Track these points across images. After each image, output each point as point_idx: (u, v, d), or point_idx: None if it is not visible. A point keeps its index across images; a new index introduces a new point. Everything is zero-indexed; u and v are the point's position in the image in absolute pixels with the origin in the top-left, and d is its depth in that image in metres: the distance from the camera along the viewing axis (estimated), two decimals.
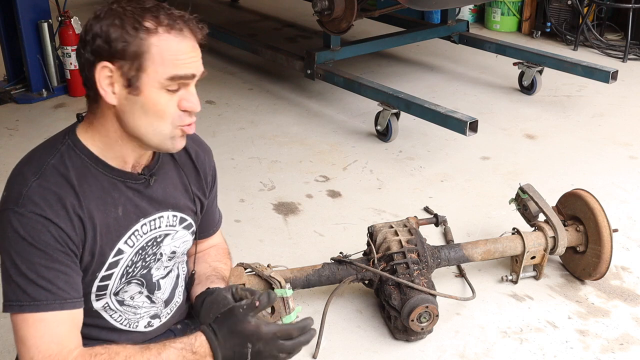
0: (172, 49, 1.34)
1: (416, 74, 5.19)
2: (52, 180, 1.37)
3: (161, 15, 1.34)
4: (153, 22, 1.33)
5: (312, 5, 4.19)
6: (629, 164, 3.79)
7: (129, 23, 1.32)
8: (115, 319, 1.54)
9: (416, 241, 2.52)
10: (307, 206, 3.36)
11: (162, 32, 1.33)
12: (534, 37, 5.99)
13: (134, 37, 1.32)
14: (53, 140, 1.46)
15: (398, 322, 2.40)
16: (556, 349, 2.42)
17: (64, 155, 1.40)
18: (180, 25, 1.35)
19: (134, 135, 1.40)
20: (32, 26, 4.56)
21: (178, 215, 1.58)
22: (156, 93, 1.35)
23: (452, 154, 3.90)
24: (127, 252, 1.47)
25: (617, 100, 4.65)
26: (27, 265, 1.32)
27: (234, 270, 2.42)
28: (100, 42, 1.33)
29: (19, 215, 1.33)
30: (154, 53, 1.33)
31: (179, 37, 1.35)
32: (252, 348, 1.35)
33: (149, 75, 1.34)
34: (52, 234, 1.34)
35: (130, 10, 1.34)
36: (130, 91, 1.35)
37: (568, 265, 2.83)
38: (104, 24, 1.33)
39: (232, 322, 1.36)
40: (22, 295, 1.32)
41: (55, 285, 1.34)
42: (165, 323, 1.66)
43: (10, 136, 4.15)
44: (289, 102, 4.69)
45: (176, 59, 1.34)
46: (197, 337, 1.37)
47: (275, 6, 7.06)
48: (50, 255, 1.34)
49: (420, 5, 4.25)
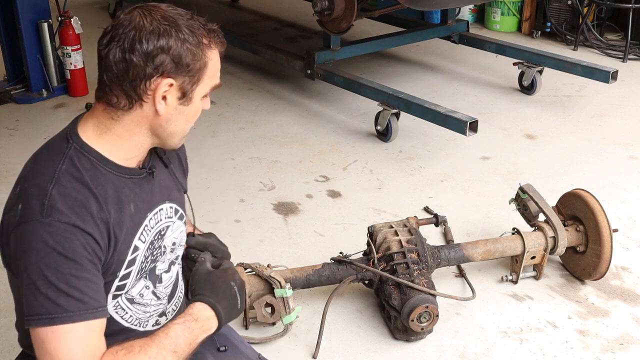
0: (217, 61, 1.45)
1: (416, 74, 5.19)
2: (69, 186, 1.35)
3: (207, 29, 1.42)
4: (206, 37, 1.41)
5: (312, 5, 4.19)
6: (629, 164, 3.79)
7: (192, 41, 1.39)
8: (126, 320, 1.54)
9: (416, 241, 2.52)
10: (307, 206, 3.36)
11: (214, 47, 1.43)
12: (534, 37, 5.99)
13: (199, 54, 1.39)
14: (56, 144, 1.43)
15: (398, 322, 2.40)
16: (556, 349, 2.42)
17: (74, 159, 1.38)
18: (218, 37, 1.45)
19: (162, 138, 1.46)
20: (32, 26, 4.56)
21: (173, 206, 1.60)
22: (199, 102, 1.45)
23: (452, 154, 3.90)
24: (141, 248, 1.49)
25: (617, 100, 4.65)
26: (58, 276, 1.29)
27: None
28: (166, 58, 1.36)
29: (46, 226, 1.30)
30: (210, 67, 1.42)
31: (218, 49, 1.45)
32: (236, 283, 1.52)
33: (201, 86, 1.43)
34: (81, 242, 1.32)
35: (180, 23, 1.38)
36: (182, 102, 1.42)
37: (568, 265, 2.83)
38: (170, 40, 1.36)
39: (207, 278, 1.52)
40: (53, 307, 1.29)
41: (86, 295, 1.32)
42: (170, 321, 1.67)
43: (10, 136, 4.15)
44: (289, 102, 4.69)
45: (217, 69, 1.45)
46: (192, 306, 1.46)
47: (275, 6, 7.06)
48: (80, 264, 1.32)
49: (420, 5, 4.25)
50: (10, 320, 2.49)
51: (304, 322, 2.52)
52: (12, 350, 1.69)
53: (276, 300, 2.38)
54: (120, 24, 1.37)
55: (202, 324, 1.43)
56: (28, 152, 1.50)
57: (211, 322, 1.45)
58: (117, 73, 1.36)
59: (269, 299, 2.39)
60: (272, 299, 2.39)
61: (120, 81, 1.37)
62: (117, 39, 1.36)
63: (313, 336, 2.43)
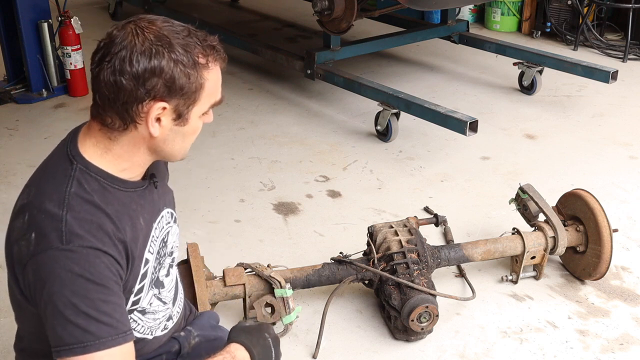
0: (216, 79, 1.40)
1: (416, 74, 5.19)
2: (82, 209, 1.31)
3: (205, 47, 1.36)
4: (203, 57, 1.35)
5: (312, 5, 4.18)
6: (629, 164, 3.79)
7: (187, 62, 1.32)
8: (139, 331, 1.53)
9: (416, 241, 2.52)
10: (307, 206, 3.36)
11: (212, 67, 1.37)
12: (534, 37, 5.99)
13: (194, 76, 1.34)
14: (57, 166, 1.39)
15: (398, 322, 2.40)
16: (556, 349, 2.42)
17: (81, 181, 1.34)
18: (218, 54, 1.39)
19: (162, 156, 1.44)
20: (32, 26, 4.56)
21: (170, 210, 1.60)
22: (198, 120, 1.41)
23: (452, 154, 3.90)
24: (151, 260, 1.48)
25: (617, 100, 4.65)
26: (87, 303, 1.26)
27: (234, 271, 2.43)
28: (157, 81, 1.31)
29: (68, 252, 1.27)
30: (207, 87, 1.37)
31: (218, 67, 1.39)
32: (270, 336, 1.57)
33: (198, 106, 1.38)
34: (106, 264, 1.30)
35: (175, 42, 1.31)
36: (177, 123, 1.38)
37: (568, 265, 2.83)
38: (161, 63, 1.30)
39: (243, 328, 1.57)
40: (84, 336, 1.26)
41: (115, 319, 1.30)
42: (176, 323, 1.69)
43: (10, 136, 4.15)
44: (289, 102, 4.69)
45: (217, 87, 1.40)
46: (229, 346, 1.50)
47: (275, 6, 7.06)
48: (107, 287, 1.30)
49: (420, 5, 4.25)
50: (10, 321, 2.49)
51: (304, 322, 2.52)
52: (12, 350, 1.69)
53: (276, 300, 2.38)
54: (112, 41, 1.31)
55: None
56: (28, 152, 1.50)
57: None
58: (108, 95, 1.32)
59: (269, 299, 2.39)
60: (272, 299, 2.39)
61: (112, 103, 1.32)
62: (107, 59, 1.30)
63: (313, 336, 2.43)
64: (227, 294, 2.41)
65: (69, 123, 1.50)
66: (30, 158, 3.73)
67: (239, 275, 2.41)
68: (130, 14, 6.92)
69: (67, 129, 1.53)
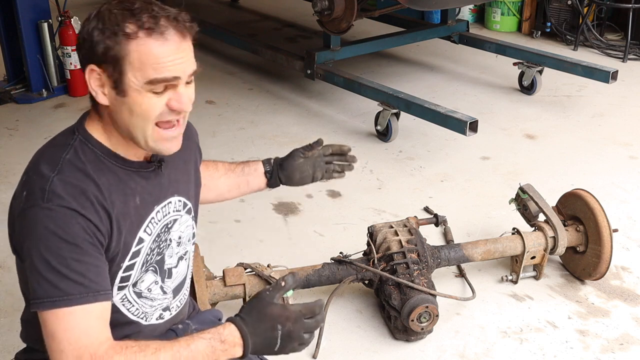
0: (152, 53, 1.33)
1: (416, 74, 5.19)
2: (71, 174, 1.37)
3: (144, 17, 1.33)
4: (134, 26, 1.32)
5: (312, 5, 4.19)
6: (629, 164, 3.79)
7: (109, 27, 1.33)
8: (132, 312, 1.55)
9: (416, 241, 2.52)
10: (307, 206, 3.36)
11: (142, 37, 1.32)
12: (534, 37, 5.99)
13: (113, 42, 1.33)
14: (62, 137, 1.46)
15: (398, 322, 2.40)
16: (556, 349, 2.42)
17: (78, 150, 1.41)
18: (163, 27, 1.33)
19: (126, 134, 1.42)
20: (32, 26, 4.56)
21: (182, 199, 1.60)
22: (140, 95, 1.36)
23: (452, 154, 3.90)
24: (146, 240, 1.50)
25: (617, 100, 4.65)
26: (59, 260, 1.31)
27: (234, 271, 2.43)
28: (86, 45, 1.36)
29: (46, 210, 1.32)
30: (133, 58, 1.33)
31: (160, 41, 1.33)
32: (282, 329, 1.38)
33: (129, 79, 1.34)
34: (82, 225, 1.34)
35: (115, 13, 1.34)
36: (117, 92, 1.37)
37: (568, 265, 2.83)
38: (90, 27, 1.35)
39: (261, 306, 1.40)
40: (54, 291, 1.31)
41: (87, 278, 1.33)
42: (174, 316, 1.68)
43: (10, 136, 4.15)
44: (289, 102, 4.69)
45: (156, 62, 1.33)
46: (225, 326, 1.40)
47: (275, 6, 7.06)
48: (81, 247, 1.34)
49: (420, 5, 4.25)
50: (10, 320, 2.50)
51: None
52: (12, 350, 1.69)
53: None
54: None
55: (226, 347, 1.38)
56: (28, 152, 1.50)
57: (236, 350, 1.39)
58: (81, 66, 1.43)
59: None
60: None
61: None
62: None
63: None
64: (227, 294, 2.41)
65: (69, 123, 1.50)
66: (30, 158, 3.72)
67: (239, 275, 2.41)
68: None
69: None
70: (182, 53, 1.36)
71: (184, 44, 1.36)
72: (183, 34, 1.36)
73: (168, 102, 1.38)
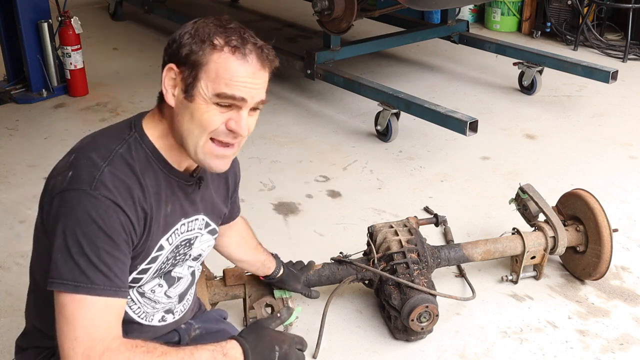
0: (230, 68, 1.39)
1: (416, 74, 5.19)
2: (120, 169, 1.40)
3: (234, 36, 1.40)
4: (222, 40, 1.39)
5: (312, 5, 4.19)
6: (629, 164, 3.79)
7: (200, 35, 1.40)
8: (134, 311, 1.57)
9: (416, 241, 2.52)
10: (307, 206, 3.36)
11: (226, 52, 1.39)
12: (534, 37, 5.99)
13: (199, 47, 1.39)
14: (119, 129, 1.49)
15: (398, 322, 2.40)
16: (556, 349, 2.42)
17: (131, 147, 1.44)
18: (248, 50, 1.40)
19: (179, 139, 1.45)
20: (32, 26, 4.56)
21: (206, 219, 1.64)
22: (206, 104, 1.40)
23: (452, 154, 3.90)
24: (166, 249, 1.52)
25: (617, 100, 4.66)
26: (92, 248, 1.33)
27: (234, 271, 2.43)
28: (174, 46, 1.42)
29: (92, 198, 1.35)
30: (211, 68, 1.39)
31: (241, 60, 1.39)
32: (280, 351, 1.48)
33: (201, 86, 1.39)
34: (121, 221, 1.37)
35: (210, 26, 1.41)
36: (185, 96, 1.41)
37: (568, 265, 2.83)
38: (183, 31, 1.42)
39: (260, 329, 1.51)
40: (80, 276, 1.33)
41: (113, 272, 1.36)
42: (177, 320, 1.70)
43: (10, 136, 4.15)
44: (289, 102, 4.69)
45: (230, 79, 1.39)
46: (228, 341, 1.45)
47: (275, 6, 7.06)
48: (115, 242, 1.36)
49: (420, 5, 4.25)
50: (10, 321, 2.50)
51: (304, 322, 2.51)
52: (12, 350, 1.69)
53: (276, 300, 2.38)
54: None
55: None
56: (28, 152, 1.51)
57: None
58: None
59: (269, 299, 2.39)
60: (272, 299, 2.39)
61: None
62: None
63: (313, 336, 2.42)
64: (227, 294, 2.41)
65: (69, 123, 1.51)
66: (30, 158, 3.73)
67: (239, 275, 2.41)
68: (130, 13, 6.96)
69: (67, 129, 1.56)
70: (257, 80, 1.42)
71: (261, 72, 1.42)
72: (263, 64, 1.42)
73: (227, 121, 1.42)
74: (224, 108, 1.41)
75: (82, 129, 4.02)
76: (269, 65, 1.44)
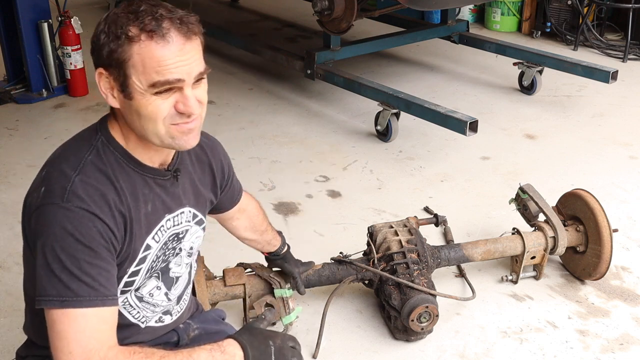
0: (154, 55, 1.32)
1: (416, 74, 5.19)
2: (92, 176, 1.38)
3: (147, 19, 1.32)
4: (136, 29, 1.32)
5: (312, 5, 4.19)
6: (629, 164, 3.79)
7: (113, 31, 1.33)
8: (134, 316, 1.56)
9: (416, 241, 2.52)
10: (307, 206, 3.36)
11: (144, 39, 1.32)
12: (534, 37, 5.99)
13: (116, 45, 1.33)
14: (86, 135, 1.47)
15: (398, 322, 2.40)
16: (556, 349, 2.42)
17: (100, 151, 1.42)
18: (165, 29, 1.32)
19: (140, 136, 1.43)
20: (32, 26, 4.56)
21: (192, 211, 1.62)
22: (145, 98, 1.35)
23: (452, 154, 3.90)
24: (153, 248, 1.51)
25: (617, 100, 4.66)
26: (72, 261, 1.32)
27: (234, 271, 2.43)
28: (95, 49, 1.38)
29: (65, 211, 1.33)
30: (135, 61, 1.33)
31: (162, 43, 1.32)
32: (274, 345, 1.47)
33: (134, 82, 1.34)
34: (98, 229, 1.35)
35: (120, 17, 1.34)
36: (124, 96, 1.37)
37: (568, 265, 2.83)
38: (98, 31, 1.37)
39: (252, 328, 1.51)
40: (65, 291, 1.32)
41: (98, 282, 1.34)
42: (174, 321, 1.69)
43: (10, 136, 4.15)
44: (289, 102, 4.69)
45: (158, 65, 1.32)
46: (224, 340, 1.45)
47: (275, 6, 7.06)
48: (95, 251, 1.35)
49: (420, 5, 4.25)
50: (10, 321, 2.50)
51: (304, 322, 2.51)
52: (13, 350, 1.69)
53: (276, 300, 2.38)
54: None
55: (227, 357, 1.42)
56: (28, 152, 1.51)
57: (236, 359, 1.43)
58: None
59: (269, 299, 2.39)
60: (272, 299, 2.39)
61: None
62: None
63: (313, 336, 2.42)
64: (227, 294, 2.41)
65: (69, 123, 1.51)
66: (30, 158, 3.73)
67: (239, 275, 2.41)
68: None
69: (67, 129, 1.56)
70: (186, 55, 1.35)
71: (187, 45, 1.35)
72: (187, 36, 1.35)
73: (175, 105, 1.37)
74: (165, 94, 1.35)
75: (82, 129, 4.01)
76: (194, 34, 1.36)
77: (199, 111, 1.40)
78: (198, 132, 1.45)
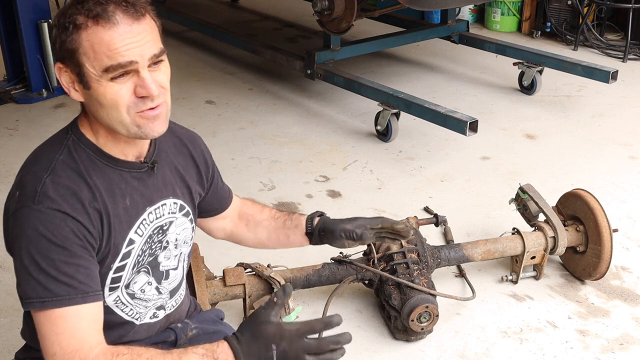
0: (103, 40, 1.30)
1: (416, 74, 5.19)
2: (64, 175, 1.38)
3: (92, 5, 1.30)
4: (82, 16, 1.31)
5: (312, 5, 4.19)
6: (629, 164, 3.79)
7: (63, 23, 1.33)
8: (127, 313, 1.55)
9: (416, 241, 2.52)
10: (307, 206, 3.36)
11: (90, 25, 1.30)
12: (534, 37, 5.99)
13: (66, 35, 1.32)
14: (57, 136, 1.47)
15: (398, 322, 2.40)
16: (556, 349, 2.42)
17: (72, 150, 1.42)
18: (111, 12, 1.30)
19: (108, 128, 1.41)
20: (32, 26, 4.56)
21: (178, 202, 1.60)
22: (102, 85, 1.33)
23: (452, 154, 3.90)
24: (137, 242, 1.49)
25: (617, 100, 4.66)
26: (48, 262, 1.32)
27: (234, 271, 2.43)
28: (53, 45, 1.37)
29: (37, 212, 1.33)
30: (86, 48, 1.31)
31: (108, 26, 1.30)
32: (277, 349, 1.34)
33: (88, 70, 1.33)
34: (71, 228, 1.35)
35: (70, 7, 1.33)
36: (84, 87, 1.36)
37: (568, 265, 2.83)
38: (53, 26, 1.38)
39: (255, 325, 1.36)
40: (43, 292, 1.32)
41: (76, 280, 1.34)
42: (169, 314, 1.67)
43: (10, 136, 4.15)
44: (289, 102, 4.69)
45: (108, 49, 1.30)
46: (219, 344, 1.36)
47: (275, 6, 7.06)
48: (70, 250, 1.34)
49: (420, 5, 4.25)
50: (10, 321, 2.50)
51: None
52: (12, 350, 1.69)
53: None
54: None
55: None
56: (28, 152, 1.50)
57: None
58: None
59: None
60: None
61: None
62: None
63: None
64: (227, 294, 2.41)
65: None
66: None
67: (239, 275, 2.41)
68: None
69: None
70: (136, 36, 1.31)
71: (137, 26, 1.32)
72: (135, 17, 1.32)
73: (135, 90, 1.34)
74: (121, 78, 1.32)
75: None
76: (142, 13, 1.33)
77: (158, 93, 1.36)
78: (165, 119, 1.41)
